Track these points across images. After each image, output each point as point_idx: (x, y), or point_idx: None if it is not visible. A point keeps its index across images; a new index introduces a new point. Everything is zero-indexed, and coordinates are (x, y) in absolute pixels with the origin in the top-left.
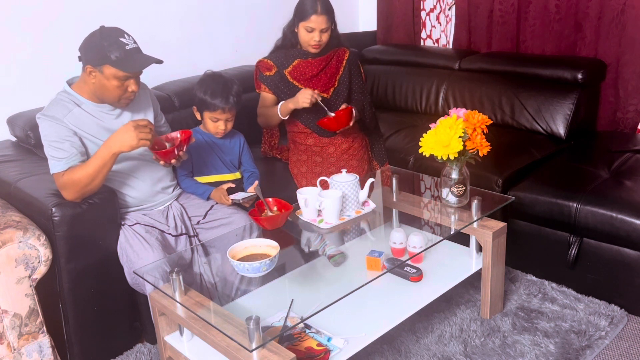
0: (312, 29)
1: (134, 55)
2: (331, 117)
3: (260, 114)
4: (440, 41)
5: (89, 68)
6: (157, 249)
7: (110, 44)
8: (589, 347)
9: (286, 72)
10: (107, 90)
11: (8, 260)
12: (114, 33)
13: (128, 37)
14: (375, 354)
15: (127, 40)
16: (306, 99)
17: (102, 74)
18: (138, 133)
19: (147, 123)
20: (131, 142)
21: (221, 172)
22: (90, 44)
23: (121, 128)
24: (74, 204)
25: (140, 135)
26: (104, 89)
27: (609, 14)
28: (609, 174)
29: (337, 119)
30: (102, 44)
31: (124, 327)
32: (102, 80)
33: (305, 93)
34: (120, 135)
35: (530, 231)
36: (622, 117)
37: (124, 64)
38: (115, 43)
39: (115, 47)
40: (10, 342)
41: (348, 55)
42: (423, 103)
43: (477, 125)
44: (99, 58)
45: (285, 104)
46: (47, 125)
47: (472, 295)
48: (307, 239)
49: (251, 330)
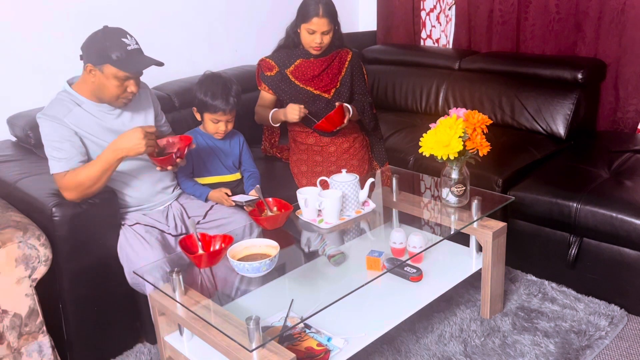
0: (314, 31)
1: (135, 56)
2: (324, 120)
3: (257, 112)
4: (440, 41)
5: (89, 67)
6: (157, 249)
7: (112, 44)
8: (589, 347)
9: (288, 72)
10: (106, 89)
11: (8, 260)
12: (117, 33)
13: (130, 37)
14: (375, 354)
15: (129, 41)
16: (294, 115)
17: (102, 73)
18: (147, 140)
19: (155, 130)
20: (139, 148)
21: (221, 173)
22: (93, 43)
23: (129, 132)
24: (74, 204)
25: (148, 142)
26: (104, 88)
27: (609, 14)
28: (609, 174)
29: (329, 120)
30: (104, 44)
31: (124, 327)
32: (102, 79)
33: (293, 109)
34: (128, 140)
35: (530, 231)
36: (622, 117)
37: (124, 64)
38: (117, 43)
39: (116, 47)
40: (10, 342)
41: (351, 57)
42: (423, 103)
43: (477, 125)
44: (100, 57)
45: (277, 113)
46: (48, 125)
47: (472, 295)
48: (307, 239)
49: (251, 330)
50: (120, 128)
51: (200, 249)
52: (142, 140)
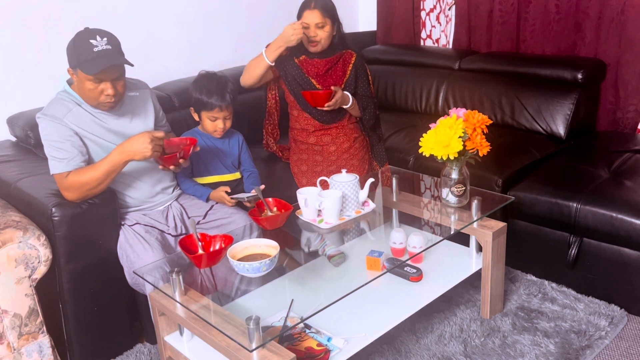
0: (308, 25)
1: (101, 57)
2: (311, 91)
3: (247, 67)
4: (440, 41)
5: (69, 70)
6: (157, 249)
7: (80, 46)
8: (589, 347)
9: (296, 60)
10: (84, 92)
11: (8, 260)
12: (87, 35)
13: (101, 38)
14: (375, 354)
15: (98, 42)
16: (296, 30)
17: (77, 77)
18: (154, 145)
19: (163, 135)
20: (145, 153)
21: (221, 173)
22: (69, 47)
23: (137, 137)
24: (74, 204)
25: (155, 147)
26: (83, 91)
27: (609, 14)
28: (609, 174)
29: (313, 95)
30: (74, 47)
31: (124, 327)
32: (79, 82)
33: (293, 24)
34: (136, 145)
35: (530, 231)
36: (622, 117)
37: (88, 67)
38: (85, 45)
39: (83, 50)
40: (10, 342)
41: (355, 59)
42: (423, 103)
43: (477, 125)
44: (73, 61)
45: (272, 44)
46: (47, 125)
47: (472, 295)
48: (307, 239)
49: (251, 330)
50: (120, 129)
51: (200, 249)
52: (148, 145)
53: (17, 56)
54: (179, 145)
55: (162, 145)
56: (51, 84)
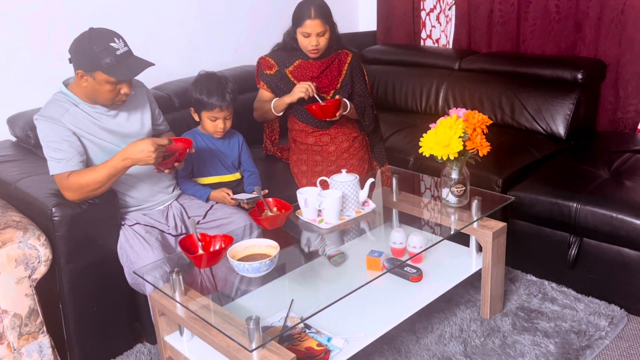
0: (309, 34)
1: (126, 60)
2: (319, 104)
3: (256, 108)
4: (440, 41)
5: (80, 73)
6: (157, 249)
7: (101, 50)
8: (589, 347)
9: (287, 71)
10: (99, 94)
11: (8, 260)
12: (104, 37)
13: (118, 40)
14: (375, 354)
15: (118, 44)
16: (302, 88)
17: (94, 79)
18: (159, 153)
19: (166, 142)
20: (148, 160)
21: (221, 173)
22: (80, 49)
23: (141, 143)
24: (74, 204)
25: (158, 154)
26: (97, 93)
27: (609, 14)
28: (609, 174)
29: (322, 108)
30: (92, 50)
31: (124, 327)
32: (94, 85)
33: (302, 84)
34: (139, 151)
35: (530, 231)
36: (622, 117)
37: (115, 71)
38: (106, 49)
39: (106, 53)
40: (10, 342)
41: (350, 59)
42: (423, 103)
43: (477, 125)
44: (90, 64)
45: (280, 99)
46: (45, 126)
47: (472, 295)
48: (307, 239)
49: (251, 330)
50: (117, 129)
51: (200, 249)
52: (152, 153)
53: (17, 56)
54: (174, 149)
55: (165, 152)
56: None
